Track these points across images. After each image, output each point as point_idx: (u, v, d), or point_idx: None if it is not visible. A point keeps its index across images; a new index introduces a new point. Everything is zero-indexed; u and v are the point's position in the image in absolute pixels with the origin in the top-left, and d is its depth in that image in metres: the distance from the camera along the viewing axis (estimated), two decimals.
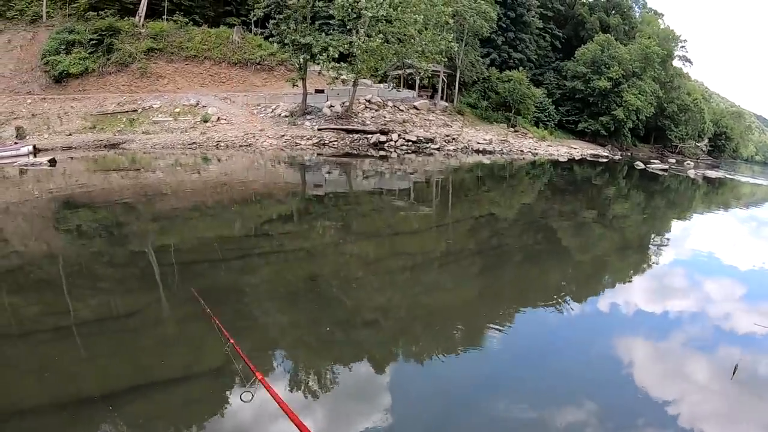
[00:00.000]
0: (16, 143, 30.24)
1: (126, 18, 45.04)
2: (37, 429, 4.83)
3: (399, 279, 9.52)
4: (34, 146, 28.67)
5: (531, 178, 28.69)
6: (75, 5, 44.95)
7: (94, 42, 42.12)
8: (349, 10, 33.77)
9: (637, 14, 74.25)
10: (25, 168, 23.14)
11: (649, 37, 60.43)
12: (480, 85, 52.27)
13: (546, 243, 13.35)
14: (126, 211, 14.75)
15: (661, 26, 70.56)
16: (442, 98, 47.54)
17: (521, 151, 40.97)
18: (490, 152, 38.23)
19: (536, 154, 40.78)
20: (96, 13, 43.84)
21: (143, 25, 44.72)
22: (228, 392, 5.35)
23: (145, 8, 45.44)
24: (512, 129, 49.67)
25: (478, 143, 39.25)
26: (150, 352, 6.24)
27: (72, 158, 28.17)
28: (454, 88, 48.15)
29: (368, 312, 7.82)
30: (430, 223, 14.91)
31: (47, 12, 45.27)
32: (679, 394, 5.81)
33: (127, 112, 37.45)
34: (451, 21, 38.57)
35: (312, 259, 10.55)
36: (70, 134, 34.20)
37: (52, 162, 24.20)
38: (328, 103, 38.81)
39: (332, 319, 7.30)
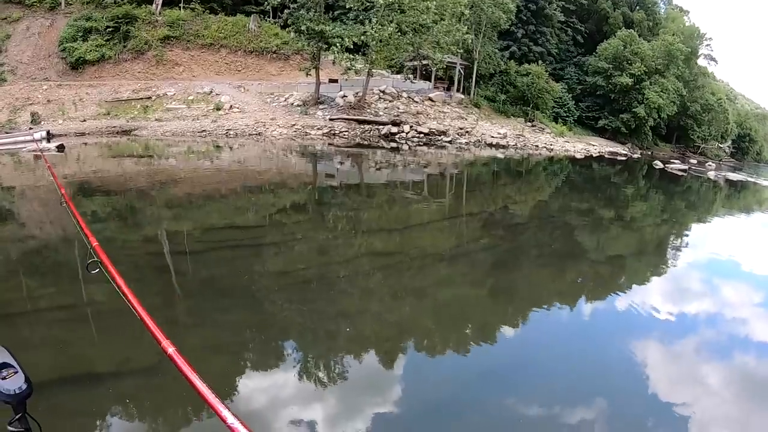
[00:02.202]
0: (30, 129, 30.41)
1: (143, 6, 44.99)
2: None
3: (409, 272, 9.26)
4: (48, 132, 28.79)
5: (548, 174, 28.05)
6: None
7: (110, 29, 42.15)
8: None
9: (662, 10, 72.92)
10: (38, 153, 23.10)
11: (673, 34, 59.14)
12: (498, 78, 51.49)
13: (561, 241, 12.86)
14: (139, 197, 14.85)
15: (686, 23, 69.30)
16: (458, 90, 46.87)
17: (536, 146, 40.16)
18: (504, 147, 37.49)
19: (551, 149, 39.93)
20: (113, 1, 43.88)
21: (160, 12, 44.68)
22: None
23: None
24: (529, 124, 48.84)
25: (492, 137, 38.54)
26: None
27: (85, 144, 28.65)
28: (472, 81, 47.47)
29: (375, 304, 7.60)
30: (443, 217, 14.58)
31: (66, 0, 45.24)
32: (691, 399, 5.44)
33: (141, 99, 37.49)
34: (467, 12, 37.86)
35: (323, 249, 10.36)
36: (84, 120, 34.35)
37: (60, 148, 24.24)
38: (342, 93, 38.40)
39: (339, 310, 7.15)
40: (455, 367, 5.91)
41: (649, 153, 58.57)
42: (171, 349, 2.01)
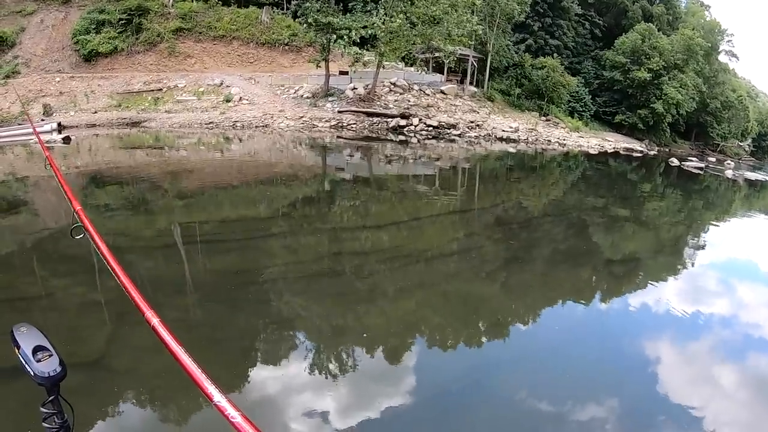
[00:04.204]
0: (42, 120, 30.58)
1: None
2: None
3: (418, 265, 9.14)
4: (59, 123, 28.92)
5: (562, 170, 27.55)
6: None
7: (123, 22, 42.05)
8: None
9: (683, 4, 71.68)
10: (50, 145, 23.23)
11: (693, 29, 57.97)
12: (513, 71, 50.83)
13: (575, 238, 12.55)
14: (151, 188, 15.00)
15: (707, 18, 68.07)
16: (472, 83, 46.30)
17: (548, 141, 39.48)
18: (515, 141, 36.90)
19: (564, 144, 39.26)
20: None
21: (172, 5, 44.50)
22: None
23: None
24: (544, 118, 48.18)
25: (503, 131, 37.93)
26: None
27: (96, 135, 29.07)
28: (485, 74, 46.90)
29: (384, 298, 7.51)
30: (454, 211, 14.40)
31: None
32: (704, 402, 5.28)
33: (152, 90, 37.48)
34: (478, 2, 37.28)
35: (332, 242, 10.32)
36: (96, 112, 34.52)
37: (66, 140, 24.29)
38: (351, 85, 38.04)
39: (348, 303, 7.17)
40: (464, 362, 5.85)
41: (667, 150, 57.54)
42: (155, 320, 1.92)
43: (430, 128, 34.69)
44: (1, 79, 37.25)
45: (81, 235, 2.96)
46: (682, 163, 38.23)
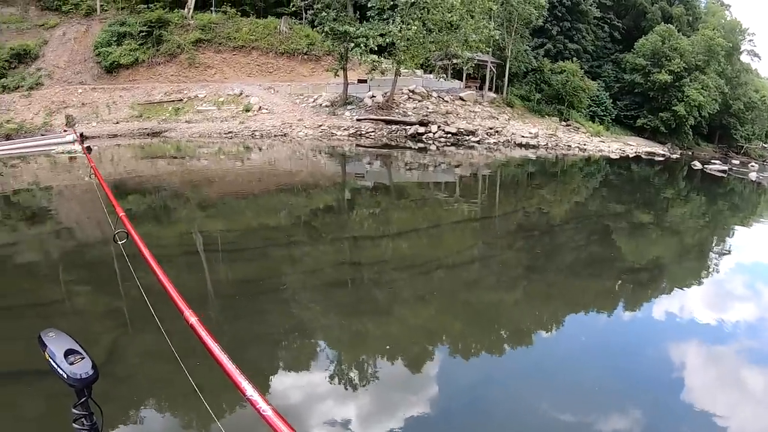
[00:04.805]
0: (65, 131, 31.02)
1: (175, 10, 45.40)
2: None
3: (438, 272, 9.10)
4: (81, 134, 29.09)
5: (584, 175, 27.30)
6: None
7: (144, 34, 42.60)
8: None
9: (702, 4, 70.83)
10: (73, 155, 23.56)
11: (713, 29, 57.14)
12: (532, 76, 50.49)
13: (598, 244, 12.41)
14: (173, 197, 15.31)
15: (727, 18, 67.18)
16: (491, 89, 46.13)
17: (568, 146, 39.11)
18: (534, 147, 36.59)
19: (585, 149, 38.90)
20: (146, 6, 44.38)
21: (192, 16, 45.01)
22: None
23: (194, 1, 45.73)
24: (564, 123, 47.79)
25: (523, 137, 37.65)
26: None
27: (118, 145, 29.54)
28: (504, 79, 46.67)
29: (405, 306, 7.46)
30: (475, 218, 14.34)
31: (101, 6, 46.02)
32: (731, 416, 5.10)
33: (173, 101, 37.96)
34: (495, 7, 37.13)
35: (353, 250, 10.35)
36: (117, 122, 35.06)
37: (87, 150, 24.54)
38: (370, 93, 38.08)
39: (367, 310, 7.18)
40: (486, 371, 5.79)
41: (690, 153, 56.69)
42: (193, 319, 2.07)
43: (449, 135, 34.56)
44: (25, 90, 37.97)
45: (124, 240, 3.21)
46: (705, 166, 37.60)
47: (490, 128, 37.27)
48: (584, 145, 40.27)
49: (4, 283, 7.96)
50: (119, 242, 3.19)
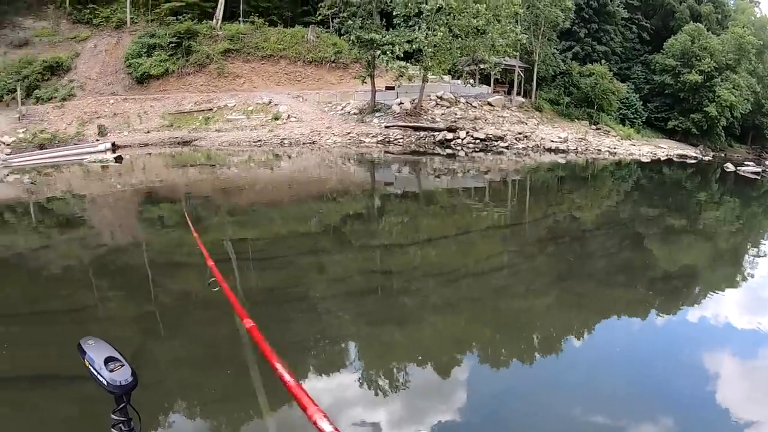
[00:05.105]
0: (97, 140, 31.79)
1: (204, 21, 46.15)
2: None
3: (468, 280, 9.03)
4: (113, 143, 30.05)
5: (614, 179, 26.99)
6: (157, 11, 46.38)
7: (173, 45, 43.36)
8: (409, 4, 32.95)
9: (731, 2, 69.70)
10: (105, 164, 24.10)
11: (743, 27, 56.14)
12: (560, 79, 50.06)
13: (630, 250, 12.13)
14: (204, 205, 15.50)
15: (757, 15, 66.05)
16: (519, 94, 45.87)
17: (598, 150, 38.62)
18: (564, 151, 36.20)
19: (615, 153, 38.42)
20: (176, 18, 45.08)
21: (220, 27, 45.66)
22: None
23: (222, 11, 46.43)
24: (594, 126, 47.30)
25: (552, 141, 37.27)
26: None
27: (149, 154, 30.12)
28: (533, 83, 46.40)
29: (432, 315, 7.37)
30: (505, 224, 14.24)
31: (131, 18, 46.85)
32: None
33: (203, 110, 38.57)
34: (521, 11, 36.96)
35: (382, 258, 10.34)
36: (148, 132, 35.76)
37: (119, 159, 25.18)
38: (398, 100, 38.14)
39: (395, 317, 7.10)
40: (513, 380, 5.72)
41: (723, 155, 55.53)
42: (250, 324, 2.42)
43: (478, 141, 34.40)
44: (58, 101, 38.92)
45: (216, 288, 3.44)
46: (738, 168, 36.83)
47: (519, 133, 37.04)
48: (614, 148, 39.77)
49: (37, 289, 8.15)
50: (213, 289, 3.52)
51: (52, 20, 46.43)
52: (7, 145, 31.43)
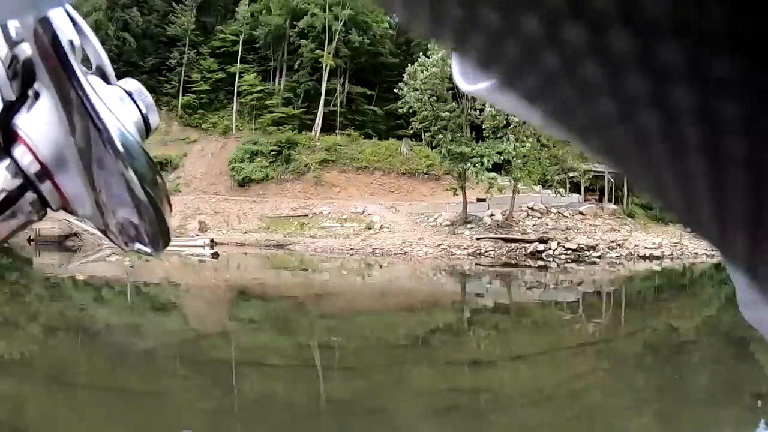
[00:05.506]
0: (197, 235, 33.55)
1: (303, 132, 49.30)
2: None
3: (561, 399, 8.74)
4: (212, 240, 31.65)
5: (714, 284, 25.76)
6: (260, 120, 49.99)
7: (274, 152, 46.39)
8: (497, 117, 33.76)
9: None
10: (202, 258, 25.33)
11: None
12: None
13: (736, 361, 11.44)
14: (294, 307, 15.84)
15: None
16: (610, 201, 44.93)
17: (695, 253, 36.68)
18: (658, 257, 34.62)
19: (713, 255, 36.40)
20: (277, 128, 48.39)
21: (318, 138, 48.42)
22: None
23: (320, 123, 49.49)
24: (689, 229, 45.11)
25: (646, 248, 35.80)
26: None
27: (245, 254, 31.10)
28: (624, 189, 45.40)
29: None
30: (599, 340, 13.78)
31: (236, 125, 50.54)
32: None
33: (299, 216, 40.25)
34: None
35: (471, 372, 10.24)
36: (246, 232, 37.53)
37: (215, 255, 26.43)
38: (489, 211, 38.26)
39: None
40: None
41: None
42: None
43: (569, 251, 33.72)
44: None
45: None
46: None
47: (612, 242, 36.10)
48: (712, 250, 37.63)
49: (121, 365, 8.49)
50: None
51: (165, 121, 50.70)
52: None
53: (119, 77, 0.37)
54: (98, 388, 7.61)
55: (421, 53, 37.21)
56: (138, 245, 0.43)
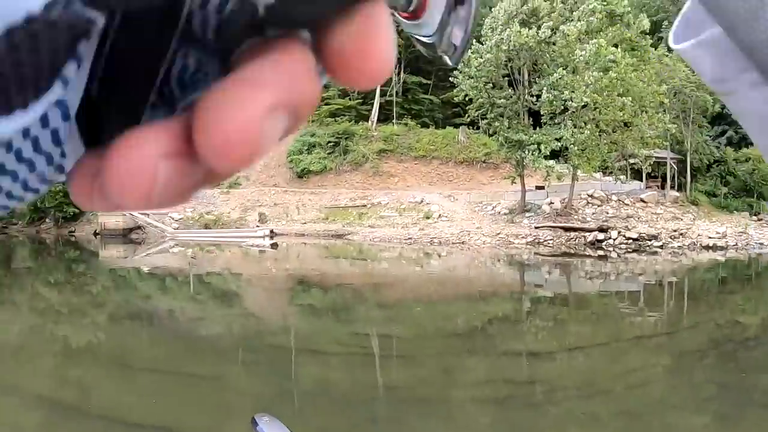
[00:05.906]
0: (257, 226, 34.43)
1: (360, 123, 49.67)
2: None
3: (618, 392, 8.69)
4: (272, 230, 32.65)
5: None
6: (317, 112, 50.16)
7: (331, 144, 46.98)
8: (555, 102, 33.33)
9: None
10: (262, 249, 26.03)
11: None
12: (716, 168, 46.52)
13: None
14: (353, 296, 16.17)
15: None
16: (672, 187, 43.34)
17: (761, 244, 35.11)
18: (722, 248, 33.39)
19: None
20: (334, 119, 48.96)
21: (375, 128, 48.67)
22: None
23: (377, 114, 49.66)
24: (755, 217, 42.84)
25: (709, 237, 34.44)
26: None
27: (305, 244, 31.73)
28: (686, 175, 43.73)
29: (576, 428, 7.15)
30: (661, 333, 13.51)
31: None
32: None
33: (357, 206, 40.77)
34: (666, 101, 35.65)
35: (528, 363, 10.28)
36: (305, 223, 38.37)
37: (274, 245, 27.10)
38: (548, 199, 37.76)
39: (535, 430, 6.92)
40: None
41: None
42: None
43: (630, 241, 32.95)
44: (225, 188, 42.98)
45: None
46: None
47: (674, 231, 35.01)
48: None
49: (186, 351, 8.82)
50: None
51: None
52: (176, 220, 35.03)
53: None
54: (162, 372, 8.07)
55: (474, 40, 36.78)
56: None
